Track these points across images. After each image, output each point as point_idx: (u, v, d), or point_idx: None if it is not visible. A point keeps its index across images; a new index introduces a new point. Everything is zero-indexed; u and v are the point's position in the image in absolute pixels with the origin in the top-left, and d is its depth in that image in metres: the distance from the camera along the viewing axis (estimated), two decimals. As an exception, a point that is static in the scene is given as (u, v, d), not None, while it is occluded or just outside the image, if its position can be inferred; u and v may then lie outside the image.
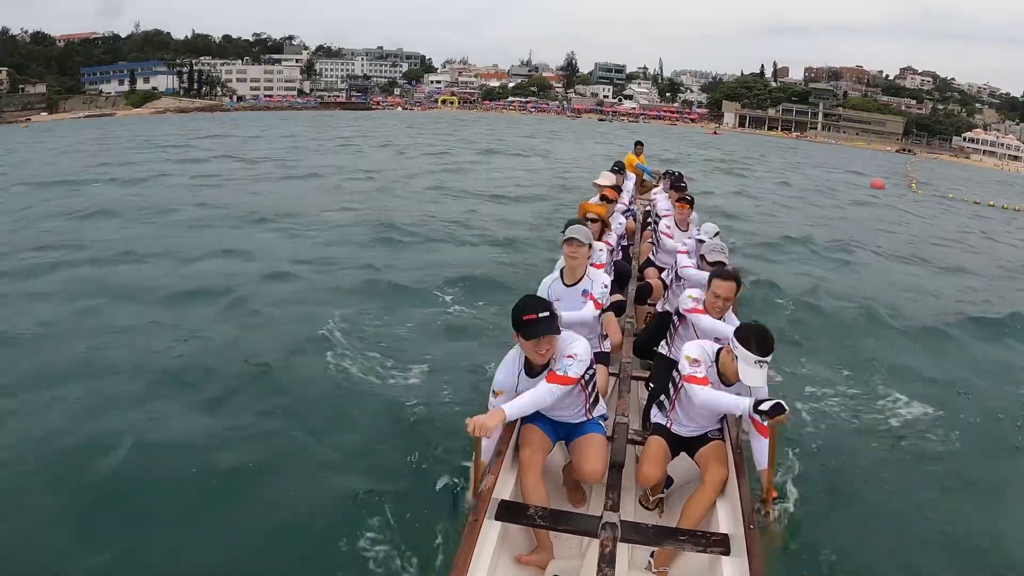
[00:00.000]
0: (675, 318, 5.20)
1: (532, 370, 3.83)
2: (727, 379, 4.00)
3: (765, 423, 3.80)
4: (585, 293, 4.94)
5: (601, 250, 5.86)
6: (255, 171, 24.74)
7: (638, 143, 15.13)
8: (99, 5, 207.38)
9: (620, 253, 7.67)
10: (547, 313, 3.62)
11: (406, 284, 10.05)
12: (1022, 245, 19.69)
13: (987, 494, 5.42)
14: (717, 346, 4.14)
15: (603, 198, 7.84)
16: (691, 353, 4.06)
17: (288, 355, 7.17)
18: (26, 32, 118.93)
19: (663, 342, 5.31)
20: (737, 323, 4.59)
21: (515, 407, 3.68)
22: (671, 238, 7.53)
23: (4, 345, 7.22)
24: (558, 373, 3.72)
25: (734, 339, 3.88)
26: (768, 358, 3.77)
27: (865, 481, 5.41)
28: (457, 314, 8.97)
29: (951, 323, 9.97)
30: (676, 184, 9.54)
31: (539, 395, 3.70)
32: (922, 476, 5.61)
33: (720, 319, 4.82)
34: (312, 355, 7.16)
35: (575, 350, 3.78)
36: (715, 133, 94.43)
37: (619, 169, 10.69)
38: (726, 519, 3.79)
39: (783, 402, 3.67)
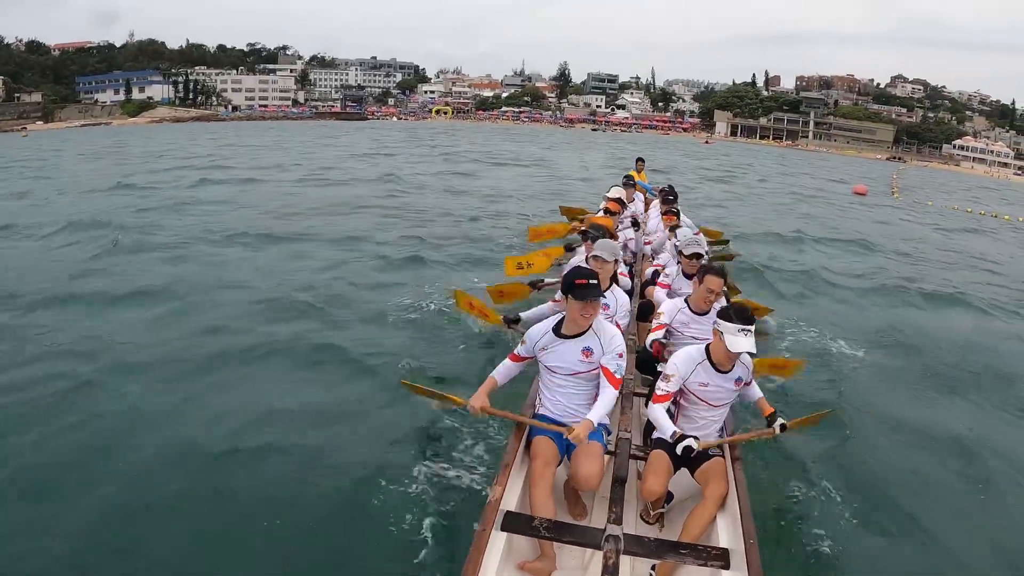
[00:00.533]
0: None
1: (560, 332, 4.29)
2: (722, 366, 4.37)
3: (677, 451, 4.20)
4: (606, 307, 5.20)
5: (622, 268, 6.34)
6: (288, 176, 27.28)
7: (639, 160, 15.67)
8: (92, 14, 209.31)
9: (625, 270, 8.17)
10: (595, 281, 4.12)
11: (443, 260, 12.72)
12: (982, 243, 22.40)
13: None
14: (704, 344, 4.51)
15: (606, 211, 8.53)
16: (668, 368, 4.46)
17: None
18: (21, 41, 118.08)
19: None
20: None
21: (598, 414, 4.09)
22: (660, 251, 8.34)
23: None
24: (616, 376, 4.18)
25: (717, 319, 4.31)
26: (751, 327, 4.17)
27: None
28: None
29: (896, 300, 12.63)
30: (665, 197, 10.41)
31: (611, 399, 4.18)
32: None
33: (708, 311, 5.34)
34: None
35: (621, 348, 4.23)
36: (707, 142, 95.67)
37: (631, 182, 11.71)
38: (726, 534, 3.94)
39: (693, 444, 4.16)
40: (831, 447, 6.28)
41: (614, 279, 5.61)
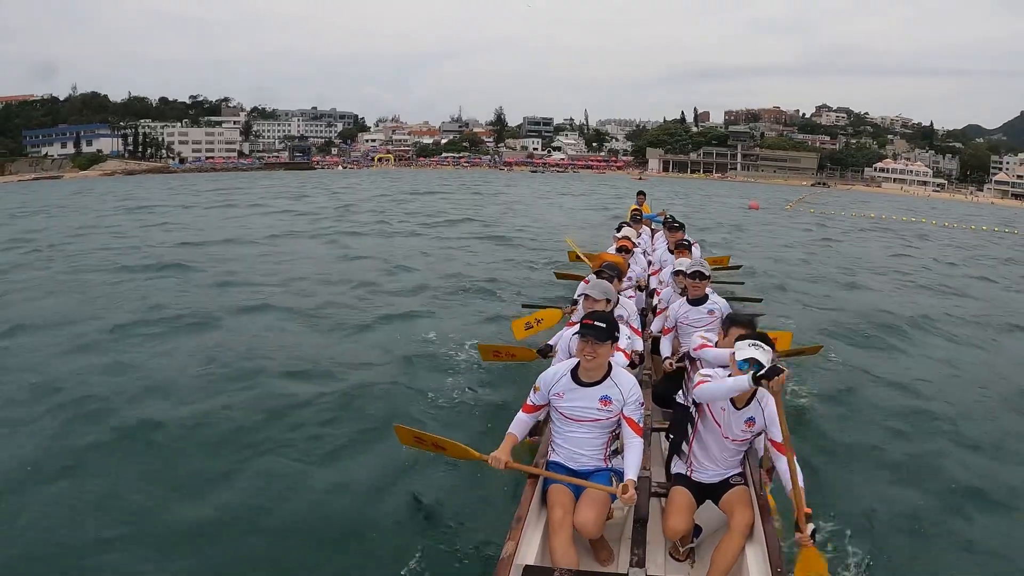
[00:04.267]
0: (689, 365, 5.61)
1: (578, 378, 4.31)
2: (737, 401, 4.27)
3: (763, 385, 3.93)
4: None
5: (629, 293, 6.66)
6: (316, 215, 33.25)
7: (640, 193, 16.22)
8: (29, 67, 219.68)
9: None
10: (604, 325, 4.17)
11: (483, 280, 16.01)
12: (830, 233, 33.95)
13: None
14: (726, 373, 4.35)
15: (619, 249, 8.68)
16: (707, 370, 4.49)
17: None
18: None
19: (680, 391, 5.72)
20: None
21: (634, 469, 4.11)
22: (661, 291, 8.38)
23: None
24: (640, 425, 4.28)
25: (735, 344, 4.31)
26: (762, 344, 4.18)
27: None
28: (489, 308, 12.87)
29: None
30: (671, 226, 10.32)
31: (640, 450, 4.21)
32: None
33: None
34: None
35: (640, 396, 4.35)
36: (640, 179, 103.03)
37: (637, 217, 12.54)
38: (755, 565, 3.98)
39: (779, 364, 3.97)
40: (852, 468, 6.53)
41: None
